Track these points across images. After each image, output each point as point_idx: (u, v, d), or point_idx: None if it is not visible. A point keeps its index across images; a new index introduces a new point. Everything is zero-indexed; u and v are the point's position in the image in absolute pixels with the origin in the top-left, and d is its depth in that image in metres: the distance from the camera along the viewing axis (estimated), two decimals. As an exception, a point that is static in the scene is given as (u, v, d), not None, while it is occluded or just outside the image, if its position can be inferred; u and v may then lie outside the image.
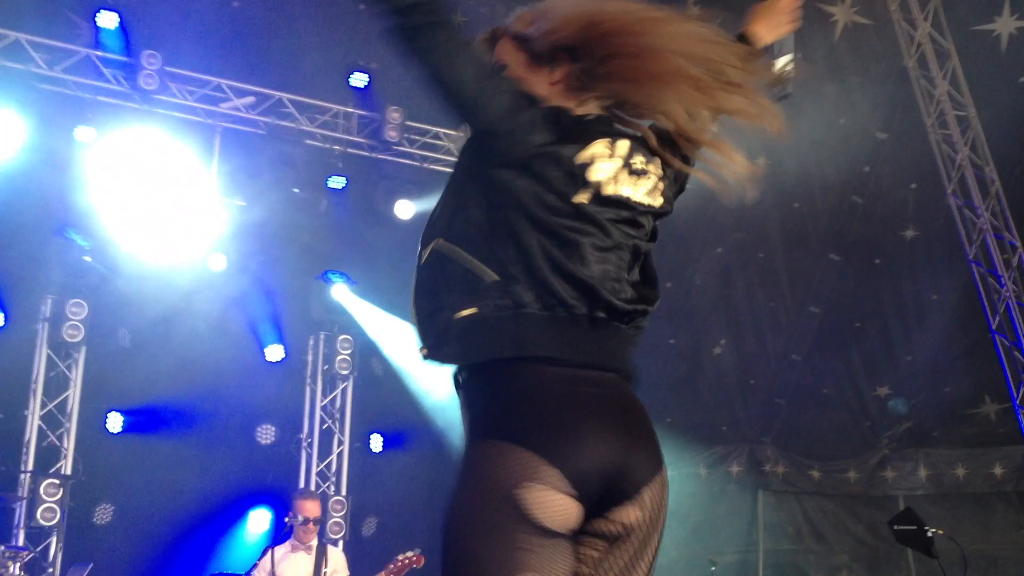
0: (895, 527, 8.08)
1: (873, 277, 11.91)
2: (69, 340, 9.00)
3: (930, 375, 11.71)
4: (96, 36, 9.18)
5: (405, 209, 10.67)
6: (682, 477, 12.23)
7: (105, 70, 9.25)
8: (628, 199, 2.18)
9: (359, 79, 10.35)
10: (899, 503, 11.69)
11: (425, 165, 10.77)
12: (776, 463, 12.62)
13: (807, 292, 12.11)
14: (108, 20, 9.11)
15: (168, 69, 9.36)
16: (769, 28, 2.70)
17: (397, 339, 10.76)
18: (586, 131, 2.16)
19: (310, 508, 7.39)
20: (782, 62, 2.56)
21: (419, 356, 2.15)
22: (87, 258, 9.05)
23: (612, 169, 2.15)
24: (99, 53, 9.19)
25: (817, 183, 11.66)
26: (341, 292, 10.56)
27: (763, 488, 12.57)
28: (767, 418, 12.65)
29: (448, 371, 2.17)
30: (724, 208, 11.60)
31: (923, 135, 10.66)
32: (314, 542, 7.38)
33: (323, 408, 10.79)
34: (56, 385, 9.16)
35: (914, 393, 11.97)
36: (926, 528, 7.70)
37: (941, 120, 10.55)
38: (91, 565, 7.42)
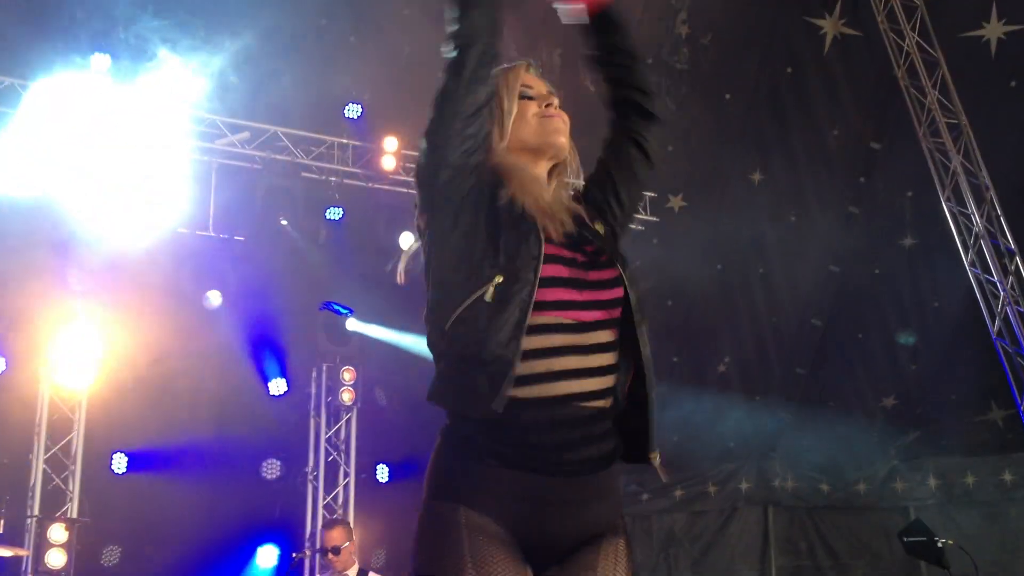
0: (905, 539, 8.03)
1: (874, 287, 11.89)
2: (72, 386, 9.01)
3: (935, 383, 11.67)
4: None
5: (408, 240, 10.60)
6: (691, 495, 12.18)
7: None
8: None
9: (353, 110, 10.39)
10: (910, 514, 11.62)
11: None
12: (785, 478, 12.55)
13: (808, 305, 12.10)
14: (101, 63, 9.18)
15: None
16: None
17: (400, 368, 10.74)
18: None
19: (333, 537, 7.35)
20: None
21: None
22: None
23: None
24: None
25: (813, 195, 11.68)
26: (342, 323, 10.55)
27: (773, 504, 12.49)
28: (774, 433, 12.60)
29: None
30: (721, 225, 11.64)
31: (916, 144, 10.68)
32: (353, 570, 7.30)
33: (328, 440, 10.76)
34: (60, 429, 9.14)
35: (920, 402, 11.93)
36: (936, 538, 7.65)
37: (933, 128, 10.56)
38: None
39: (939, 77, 10.55)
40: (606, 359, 2.22)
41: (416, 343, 9.95)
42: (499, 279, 2.13)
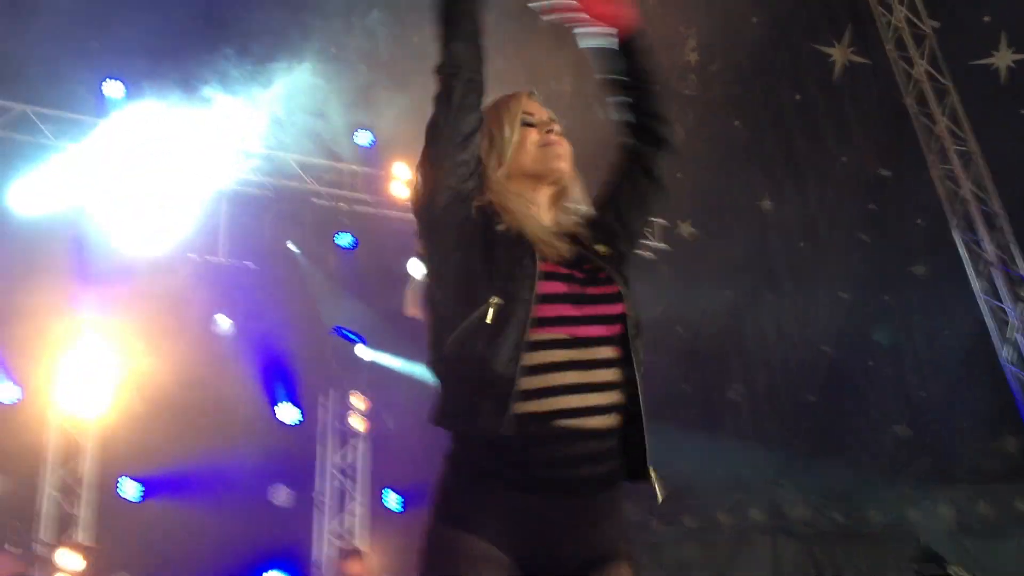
0: (917, 568, 7.96)
1: (884, 314, 11.85)
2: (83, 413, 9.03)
3: (947, 411, 11.60)
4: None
5: (416, 268, 10.58)
6: (702, 525, 12.10)
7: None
8: None
9: (363, 137, 10.44)
10: (922, 543, 11.52)
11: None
12: (796, 507, 12.46)
13: (818, 332, 12.05)
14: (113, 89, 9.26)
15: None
16: None
17: (409, 393, 10.72)
18: None
19: (348, 566, 7.33)
20: None
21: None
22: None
23: None
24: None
25: (823, 222, 11.66)
26: (351, 348, 10.56)
27: (784, 533, 12.40)
28: (785, 461, 12.51)
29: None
30: (730, 252, 11.63)
31: (926, 171, 10.67)
32: None
33: (336, 466, 10.73)
34: (69, 454, 9.16)
35: (931, 430, 11.85)
36: (949, 567, 7.59)
37: (943, 155, 10.57)
38: None
39: (949, 104, 10.56)
40: (608, 375, 2.23)
41: (424, 369, 9.94)
42: (496, 300, 2.15)
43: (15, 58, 8.60)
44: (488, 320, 2.14)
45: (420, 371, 10.21)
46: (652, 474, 2.28)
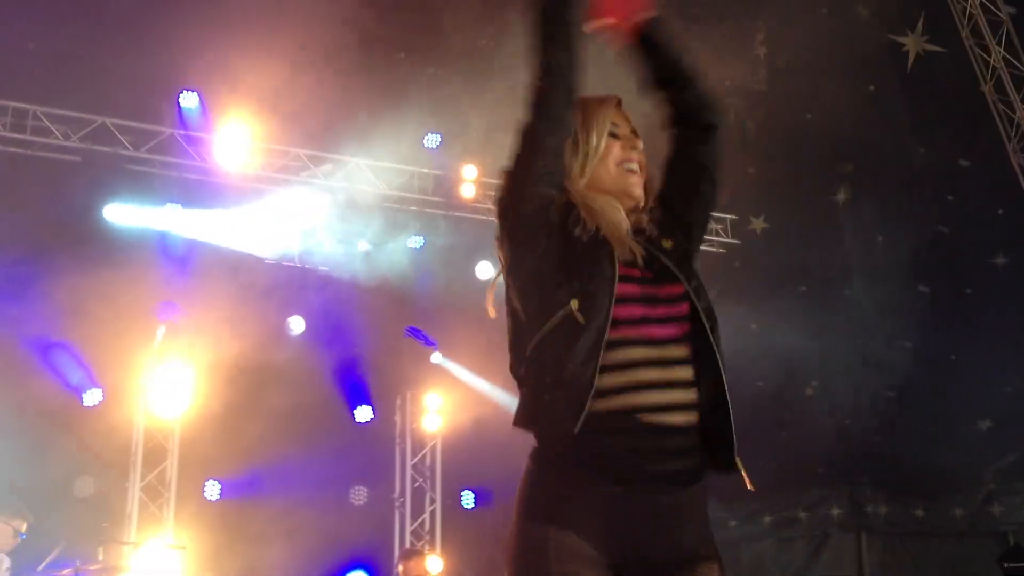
0: (1005, 564, 7.81)
1: (965, 307, 11.61)
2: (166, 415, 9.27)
3: (1032, 405, 11.34)
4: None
5: (485, 270, 10.60)
6: (781, 522, 11.97)
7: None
8: None
9: (432, 140, 10.53)
10: (1008, 539, 11.28)
11: (502, 221, 10.82)
12: (878, 504, 12.27)
13: (897, 327, 11.85)
14: (189, 101, 9.46)
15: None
16: None
17: (483, 395, 10.79)
18: None
19: (411, 568, 7.39)
20: None
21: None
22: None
23: None
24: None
25: (900, 214, 11.47)
26: (427, 352, 10.65)
27: (866, 530, 12.22)
28: (865, 458, 12.33)
29: None
30: (805, 247, 11.49)
31: (1006, 160, 10.43)
32: None
33: (414, 467, 10.84)
34: (154, 457, 9.39)
35: (1016, 425, 11.58)
36: (1038, 564, 7.43)
37: (1023, 144, 10.32)
38: None
39: (1028, 91, 10.33)
40: (686, 373, 2.24)
41: (497, 372, 9.98)
42: (575, 303, 2.17)
43: (93, 71, 8.82)
44: (565, 323, 2.16)
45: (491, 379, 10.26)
46: (740, 464, 2.28)
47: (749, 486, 2.26)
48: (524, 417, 2.22)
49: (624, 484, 2.13)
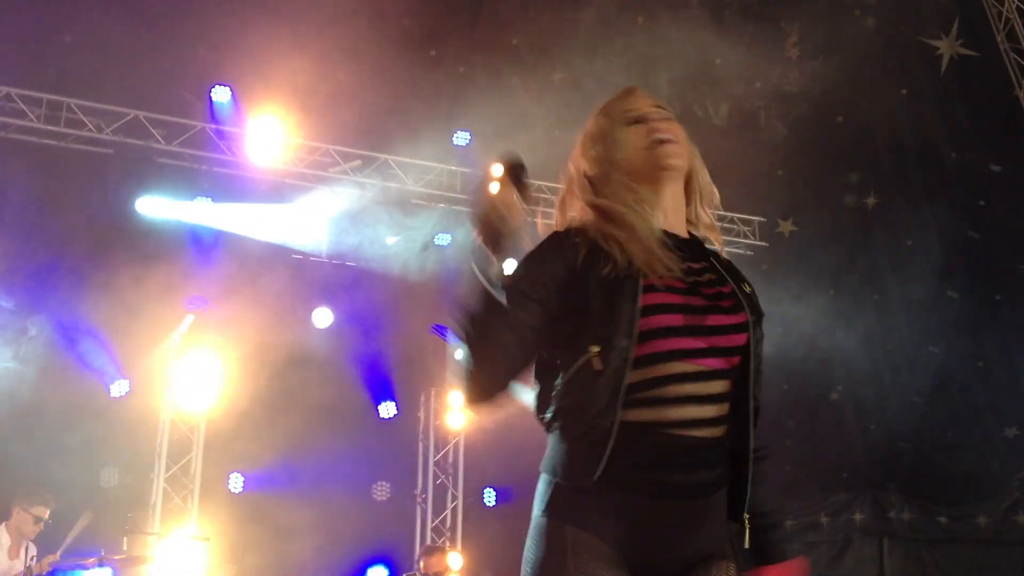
0: (1031, 574, 7.74)
1: (994, 313, 11.51)
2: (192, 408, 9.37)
3: (1061, 413, 11.23)
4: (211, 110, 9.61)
5: (510, 268, 10.62)
6: (803, 526, 11.92)
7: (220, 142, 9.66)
8: None
9: (461, 138, 10.55)
10: (1036, 549, 11.19)
11: (529, 219, 10.83)
12: (901, 510, 12.20)
13: (925, 332, 11.76)
14: (221, 95, 9.53)
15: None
16: None
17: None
18: None
19: (432, 564, 7.42)
20: None
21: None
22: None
23: None
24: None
25: (930, 219, 11.38)
26: (450, 348, 10.68)
27: (889, 536, 12.15)
28: (889, 463, 12.26)
29: None
30: (833, 250, 11.43)
31: (1039, 166, 10.34)
32: None
33: (436, 463, 10.87)
34: (180, 449, 9.47)
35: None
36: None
37: (1057, 149, 10.23)
38: None
39: (1062, 97, 10.22)
40: (720, 387, 2.21)
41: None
42: (594, 348, 2.12)
43: (127, 65, 8.89)
44: (585, 370, 2.13)
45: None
46: (746, 521, 2.25)
47: (747, 545, 2.24)
48: (547, 464, 2.22)
49: (644, 494, 2.13)
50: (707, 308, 2.21)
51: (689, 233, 2.40)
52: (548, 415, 2.22)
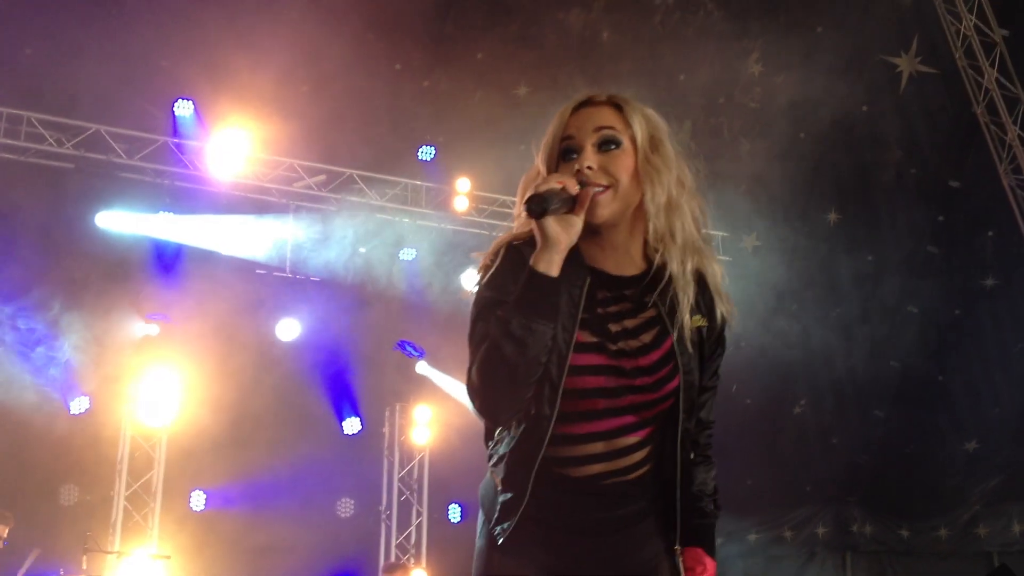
0: (991, 586, 7.82)
1: (954, 327, 11.65)
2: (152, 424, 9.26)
3: (1019, 427, 11.36)
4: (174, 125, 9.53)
5: (471, 279, 10.61)
6: (767, 540, 11.98)
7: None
8: None
9: (426, 152, 10.54)
10: (993, 560, 11.30)
11: (494, 234, 10.84)
12: (863, 523, 12.30)
13: (886, 346, 11.88)
14: (184, 109, 9.46)
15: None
16: None
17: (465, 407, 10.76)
18: None
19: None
20: None
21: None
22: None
23: None
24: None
25: (890, 234, 11.51)
26: (415, 363, 10.64)
27: (851, 549, 12.24)
28: (852, 477, 12.36)
29: None
30: (796, 265, 11.52)
31: (997, 181, 10.48)
32: None
33: (401, 479, 10.81)
34: (140, 466, 9.36)
35: (1002, 447, 11.60)
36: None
37: (1014, 165, 10.38)
38: None
39: (1020, 113, 10.37)
40: (639, 456, 2.16)
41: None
42: (518, 429, 2.12)
43: (88, 79, 8.81)
44: (504, 445, 2.18)
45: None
46: (677, 555, 2.21)
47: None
48: (481, 499, 2.28)
49: (565, 533, 2.15)
50: (631, 371, 2.09)
51: (648, 259, 2.18)
52: (491, 446, 2.25)
